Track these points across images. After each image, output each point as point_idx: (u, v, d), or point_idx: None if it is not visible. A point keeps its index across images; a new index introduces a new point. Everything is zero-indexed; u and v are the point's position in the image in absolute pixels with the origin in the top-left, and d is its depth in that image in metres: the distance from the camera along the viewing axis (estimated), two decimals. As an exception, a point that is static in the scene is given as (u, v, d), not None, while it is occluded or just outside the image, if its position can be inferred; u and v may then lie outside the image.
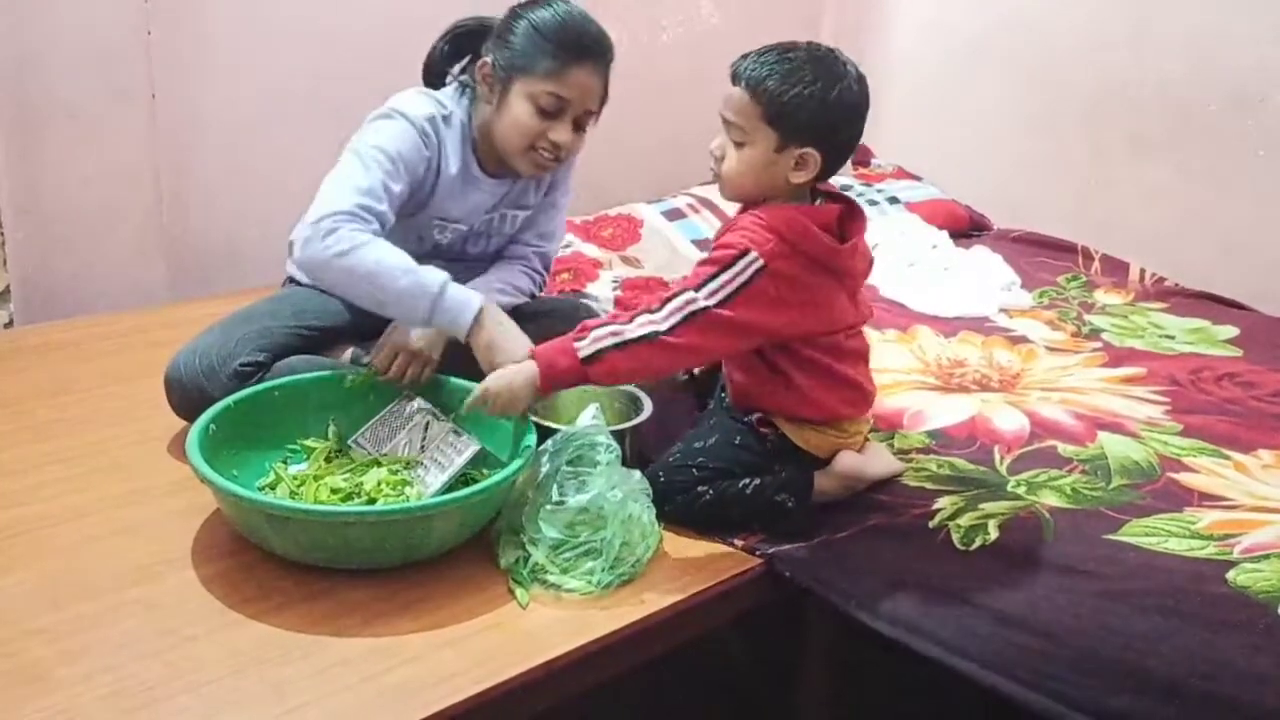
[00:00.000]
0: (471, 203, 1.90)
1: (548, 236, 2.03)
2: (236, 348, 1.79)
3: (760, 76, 1.56)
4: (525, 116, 1.77)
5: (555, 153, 1.80)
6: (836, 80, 1.55)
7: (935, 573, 1.57)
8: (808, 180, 1.60)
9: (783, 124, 1.55)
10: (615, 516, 1.53)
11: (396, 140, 1.76)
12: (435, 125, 1.81)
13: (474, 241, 1.96)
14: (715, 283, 1.55)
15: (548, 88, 1.75)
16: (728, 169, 1.62)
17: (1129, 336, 2.39)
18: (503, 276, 1.94)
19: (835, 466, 1.69)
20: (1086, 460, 1.83)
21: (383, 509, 1.48)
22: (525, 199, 1.97)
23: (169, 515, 1.62)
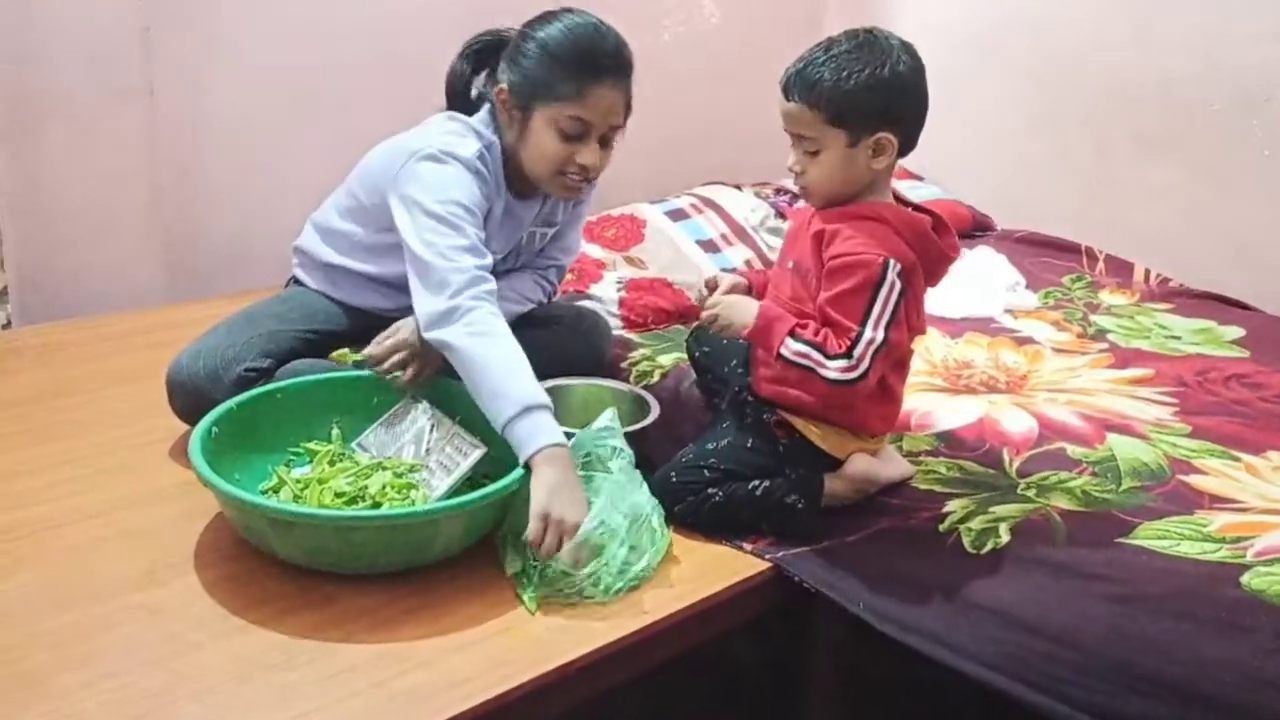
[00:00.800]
0: (509, 231, 1.87)
1: (569, 249, 2.03)
2: (241, 352, 1.77)
3: (810, 83, 1.55)
4: (550, 143, 1.73)
5: (584, 174, 1.76)
6: (885, 58, 1.54)
7: (946, 576, 1.56)
8: (891, 162, 1.59)
9: (847, 120, 1.55)
10: (625, 521, 1.51)
11: (464, 189, 1.69)
12: (485, 161, 1.77)
13: (502, 262, 1.92)
14: (877, 307, 1.54)
15: (569, 112, 1.71)
16: (811, 180, 1.61)
17: (1135, 337, 2.38)
18: (513, 285, 1.92)
19: (848, 470, 1.68)
20: (1096, 462, 1.81)
21: (388, 514, 1.46)
22: (554, 216, 1.95)
23: (172, 518, 1.61)
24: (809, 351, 1.54)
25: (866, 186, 1.61)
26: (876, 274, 1.53)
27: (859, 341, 1.53)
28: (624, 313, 2.22)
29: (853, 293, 1.54)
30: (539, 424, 1.49)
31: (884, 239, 1.56)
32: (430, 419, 1.68)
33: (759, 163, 3.24)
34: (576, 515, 1.45)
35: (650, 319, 2.24)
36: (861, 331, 1.53)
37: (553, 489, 1.45)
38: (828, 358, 1.53)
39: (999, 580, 1.54)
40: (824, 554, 1.61)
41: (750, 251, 2.55)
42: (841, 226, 1.58)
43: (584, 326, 2.02)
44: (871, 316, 1.53)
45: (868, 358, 1.53)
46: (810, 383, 1.56)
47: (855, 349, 1.53)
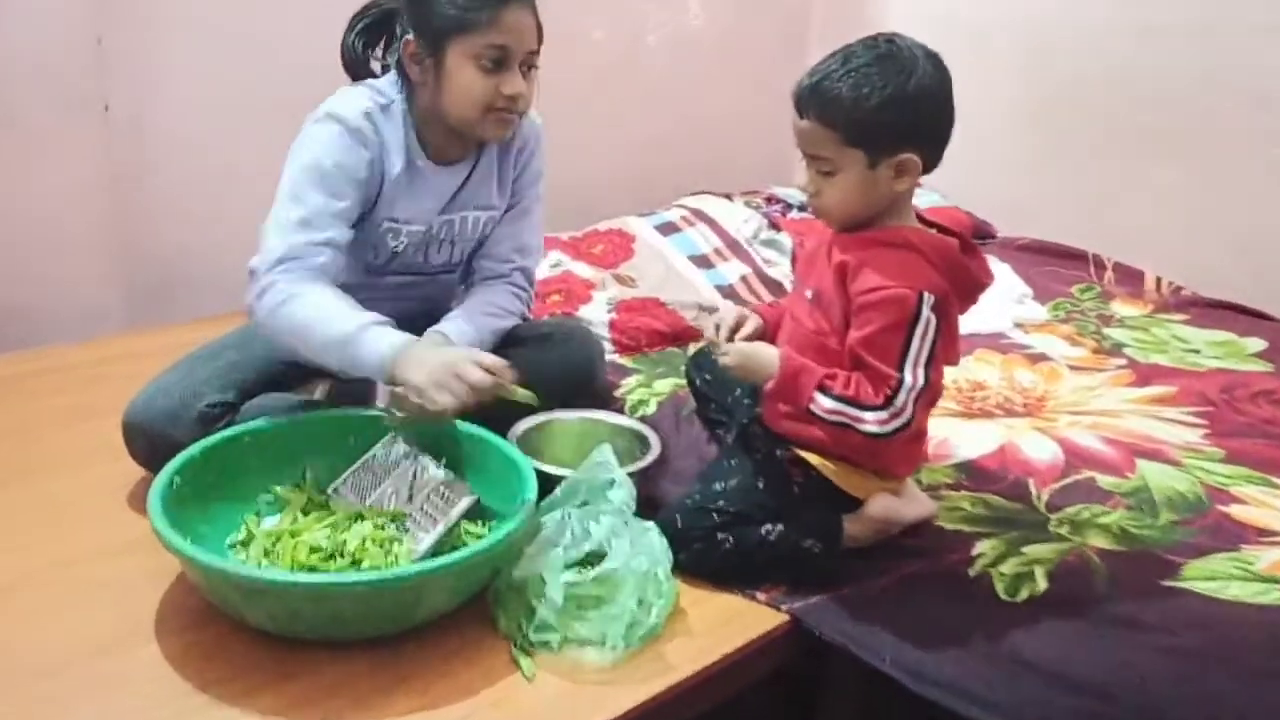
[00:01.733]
0: (422, 199, 1.72)
1: (526, 250, 1.86)
2: (201, 387, 1.63)
3: (825, 99, 1.41)
4: (472, 80, 1.62)
5: (514, 105, 1.64)
6: (908, 71, 1.40)
7: (979, 627, 1.43)
8: (914, 184, 1.46)
9: (866, 140, 1.41)
10: (632, 573, 1.38)
11: (331, 149, 1.61)
12: (373, 119, 1.65)
13: (436, 249, 1.79)
14: (914, 346, 1.41)
15: (486, 40, 1.60)
16: (827, 203, 1.48)
17: (1152, 351, 2.26)
18: (487, 299, 1.78)
19: (868, 511, 1.55)
20: (1129, 493, 1.70)
21: (369, 578, 1.32)
22: (485, 198, 1.79)
23: (131, 578, 1.46)
24: (843, 408, 1.42)
25: (887, 208, 1.48)
26: (911, 310, 1.40)
27: (899, 390, 1.40)
28: (615, 335, 2.08)
29: (887, 332, 1.41)
30: (371, 342, 1.50)
31: (915, 270, 1.43)
32: (413, 462, 1.54)
33: (747, 167, 3.13)
34: (462, 360, 1.47)
35: (643, 341, 2.11)
36: (901, 377, 1.40)
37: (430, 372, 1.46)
38: (864, 409, 1.41)
39: (1038, 631, 1.41)
40: (844, 603, 1.48)
41: (745, 266, 2.42)
42: (867, 257, 1.45)
43: (573, 343, 1.87)
44: (909, 358, 1.41)
45: (909, 407, 1.40)
46: (845, 437, 1.44)
47: (896, 398, 1.40)
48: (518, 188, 1.83)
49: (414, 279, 1.80)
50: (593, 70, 2.80)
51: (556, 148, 2.66)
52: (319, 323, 1.53)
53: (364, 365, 1.51)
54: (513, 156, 1.80)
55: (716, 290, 2.29)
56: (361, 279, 1.74)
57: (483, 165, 1.76)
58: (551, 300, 2.17)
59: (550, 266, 2.29)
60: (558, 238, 2.44)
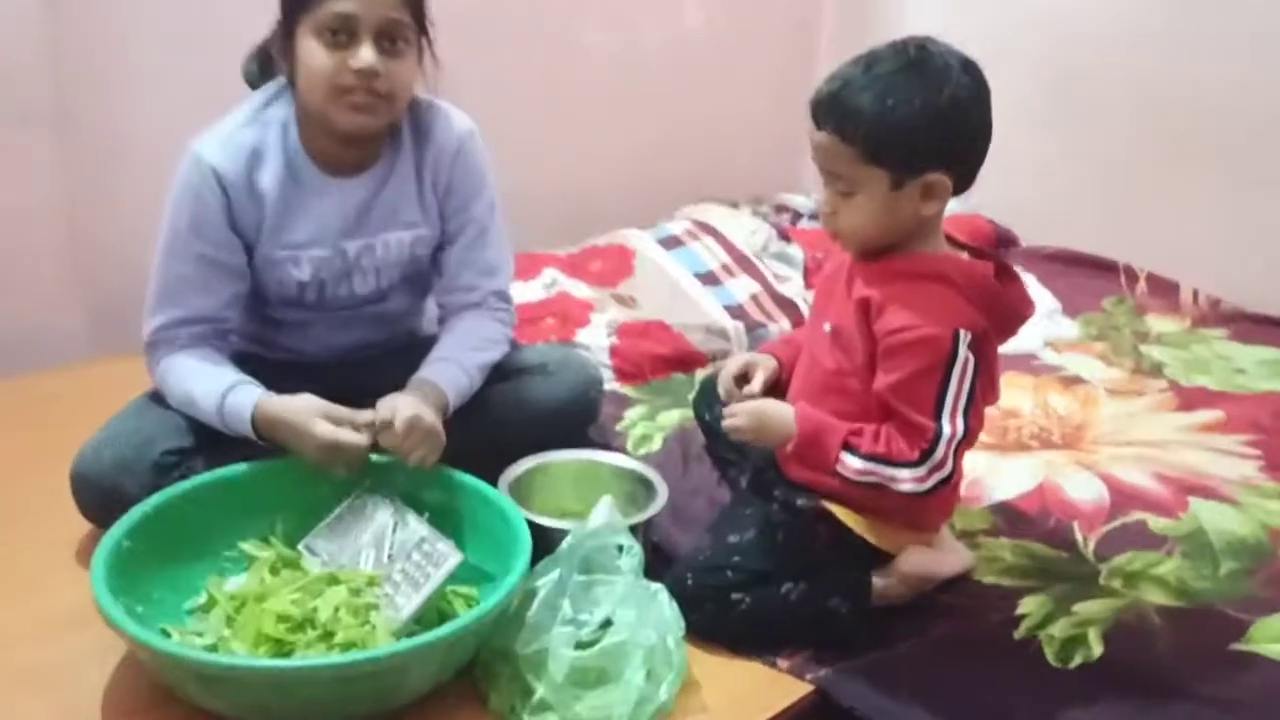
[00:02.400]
0: (317, 215, 1.52)
1: (493, 271, 1.63)
2: (155, 432, 1.48)
3: (845, 111, 1.26)
4: (318, 57, 1.41)
5: (367, 83, 1.41)
6: (940, 83, 1.25)
7: (1030, 699, 1.28)
8: (943, 207, 1.30)
9: (890, 159, 1.26)
10: (640, 646, 1.22)
11: (184, 203, 1.49)
12: (233, 144, 1.48)
13: (360, 278, 1.58)
14: (951, 392, 1.27)
15: (326, 9, 1.40)
16: (845, 225, 1.32)
17: (1195, 372, 2.11)
18: (470, 330, 1.59)
19: (901, 567, 1.39)
20: (1183, 538, 1.55)
21: (344, 661, 1.16)
22: (405, 214, 1.56)
23: (75, 656, 1.29)
24: (874, 468, 1.28)
25: (912, 232, 1.32)
26: (946, 352, 1.26)
27: (937, 442, 1.26)
28: (617, 362, 1.92)
29: (920, 377, 1.26)
30: (236, 404, 1.43)
31: (948, 305, 1.28)
32: (393, 516, 1.38)
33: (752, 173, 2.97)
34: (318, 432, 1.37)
35: (647, 368, 1.95)
36: (938, 428, 1.26)
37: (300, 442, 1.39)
38: (898, 466, 1.26)
39: (1097, 705, 1.26)
40: (876, 671, 1.32)
41: (755, 284, 2.25)
42: (894, 291, 1.29)
43: (569, 374, 1.67)
44: (946, 405, 1.26)
45: (949, 460, 1.26)
46: (879, 496, 1.28)
47: (934, 452, 1.26)
48: (455, 204, 1.59)
49: (350, 318, 1.62)
50: (589, 74, 2.64)
51: (550, 155, 2.52)
52: (192, 402, 1.47)
53: (241, 432, 1.44)
54: (429, 166, 1.57)
55: (725, 311, 2.13)
56: (293, 315, 1.60)
57: (396, 177, 1.55)
58: (546, 324, 2.00)
59: (544, 286, 2.13)
60: (553, 254, 2.28)
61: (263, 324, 1.63)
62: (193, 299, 1.50)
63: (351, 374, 1.63)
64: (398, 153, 1.55)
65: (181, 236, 1.49)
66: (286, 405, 1.41)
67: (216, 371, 1.48)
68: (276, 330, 1.64)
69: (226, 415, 1.43)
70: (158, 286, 1.52)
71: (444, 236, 1.62)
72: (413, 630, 1.28)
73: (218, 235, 1.49)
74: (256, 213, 1.50)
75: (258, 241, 1.52)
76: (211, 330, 1.52)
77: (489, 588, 1.34)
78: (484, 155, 1.61)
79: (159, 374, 1.51)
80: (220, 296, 1.52)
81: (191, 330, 1.51)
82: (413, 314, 1.71)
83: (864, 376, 1.34)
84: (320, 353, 1.64)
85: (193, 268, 1.50)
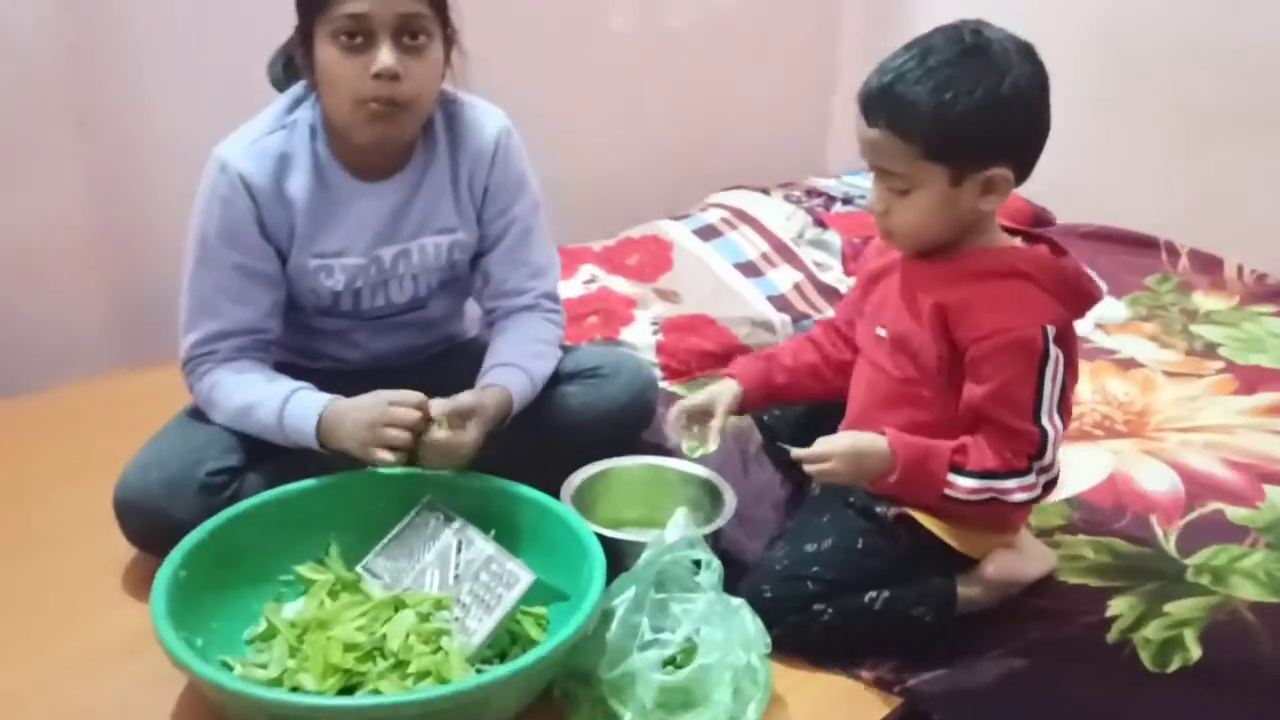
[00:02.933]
0: (350, 222, 1.46)
1: (542, 272, 1.58)
2: (201, 453, 1.41)
3: (902, 105, 1.19)
4: (336, 64, 1.34)
5: (389, 88, 1.33)
6: (1001, 71, 1.18)
7: (1131, 707, 1.23)
8: (1003, 202, 1.24)
9: (950, 155, 1.19)
10: (728, 668, 1.17)
11: (212, 211, 1.43)
12: (260, 149, 1.42)
13: (397, 286, 1.52)
14: (1047, 391, 1.22)
15: (339, 11, 1.32)
16: (899, 225, 1.26)
17: (1250, 351, 2.06)
18: (528, 334, 1.54)
19: (985, 572, 1.34)
20: (1265, 529, 1.51)
21: (427, 696, 1.10)
22: (441, 219, 1.50)
23: (133, 686, 1.24)
24: (987, 485, 1.23)
25: (970, 231, 1.27)
26: (1039, 352, 1.21)
27: (1045, 446, 1.21)
28: (664, 360, 1.86)
29: (1017, 382, 1.22)
30: (295, 421, 1.38)
31: (1032, 302, 1.23)
32: (457, 535, 1.33)
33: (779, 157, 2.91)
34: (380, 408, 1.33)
35: (694, 365, 1.89)
36: (1044, 433, 1.21)
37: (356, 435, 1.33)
38: (1008, 478, 1.22)
39: (1203, 711, 1.21)
40: (965, 680, 1.27)
41: (797, 273, 2.19)
42: (971, 294, 1.24)
43: (624, 377, 1.61)
44: (1044, 406, 1.22)
45: (1055, 460, 1.22)
46: (990, 510, 1.25)
47: (1042, 456, 1.21)
48: (496, 207, 1.53)
49: (385, 329, 1.56)
50: (613, 59, 2.57)
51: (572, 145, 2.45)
52: (246, 413, 1.42)
53: (302, 441, 1.38)
54: (466, 167, 1.50)
55: (769, 302, 2.07)
56: (332, 323, 1.54)
57: (431, 181, 1.49)
58: (589, 323, 1.94)
59: (583, 283, 2.07)
60: (588, 248, 2.22)
61: (301, 332, 1.57)
62: (231, 310, 1.45)
63: (396, 381, 1.57)
64: (432, 155, 1.49)
65: (212, 246, 1.43)
66: (355, 400, 1.37)
67: (273, 379, 1.43)
68: (315, 339, 1.58)
69: (288, 419, 1.38)
70: (192, 301, 1.46)
71: (486, 241, 1.55)
72: (484, 655, 1.23)
73: (250, 243, 1.43)
74: (287, 220, 1.44)
75: (290, 250, 1.46)
76: (252, 342, 1.46)
77: (558, 607, 1.29)
78: (522, 153, 1.55)
79: (204, 390, 1.45)
80: (260, 306, 1.46)
81: (233, 343, 1.45)
82: (454, 318, 1.66)
83: (936, 384, 1.29)
84: (363, 359, 1.59)
85: (228, 278, 1.44)
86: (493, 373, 1.45)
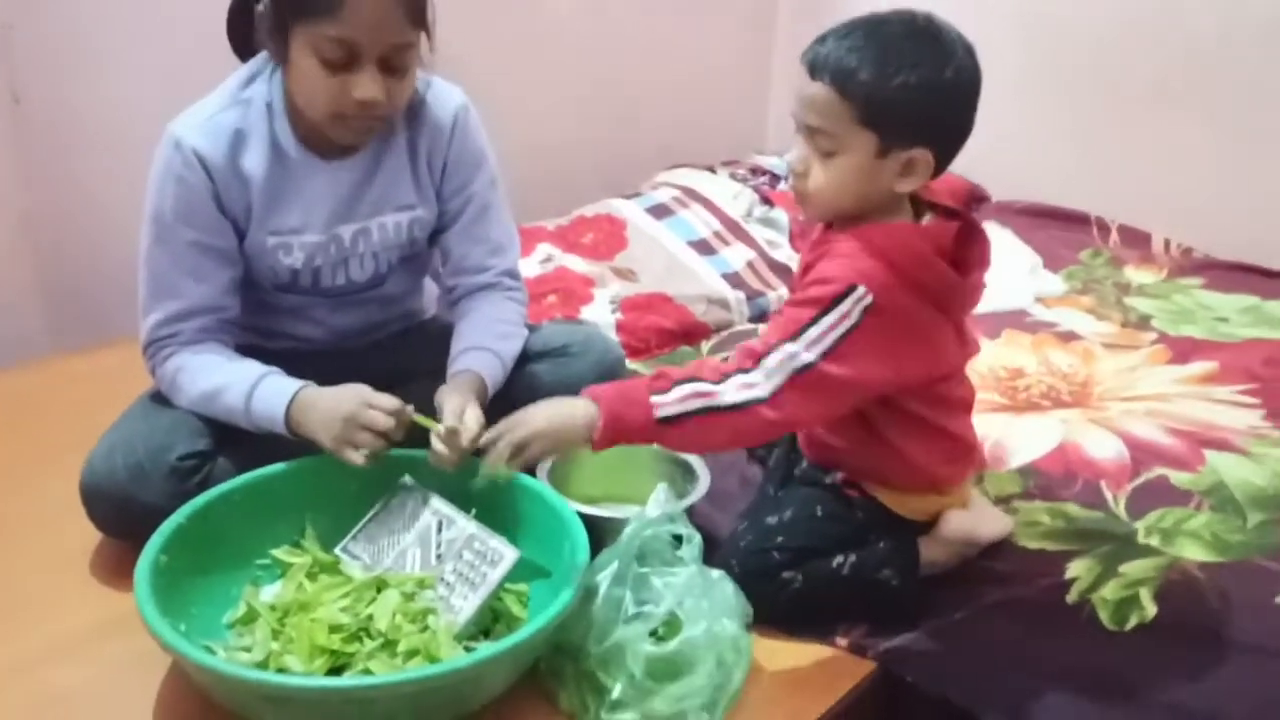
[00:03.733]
0: (309, 198, 1.45)
1: (501, 248, 1.58)
2: (168, 437, 1.40)
3: (849, 67, 1.20)
4: (314, 77, 1.32)
5: (370, 112, 1.35)
6: (945, 58, 1.21)
7: (1092, 663, 1.28)
8: (917, 186, 1.26)
9: (884, 124, 1.21)
10: (716, 639, 1.20)
11: (166, 189, 1.40)
12: (214, 125, 1.40)
13: (357, 264, 1.51)
14: (816, 328, 1.21)
15: (327, 32, 1.29)
16: (816, 186, 1.26)
17: (1181, 322, 2.14)
18: (492, 316, 1.54)
19: (943, 531, 1.39)
20: (1207, 491, 1.57)
21: (424, 674, 1.10)
22: (400, 196, 1.50)
23: (112, 672, 1.23)
24: (691, 390, 1.21)
25: (878, 208, 1.28)
26: (832, 295, 1.21)
27: (772, 352, 1.21)
28: (624, 338, 1.87)
29: (792, 310, 1.24)
30: (263, 405, 1.36)
31: (858, 262, 1.23)
32: (436, 514, 1.33)
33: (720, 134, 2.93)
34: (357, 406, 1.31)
35: (654, 343, 1.91)
36: (779, 343, 1.21)
37: (329, 429, 1.31)
38: (718, 382, 1.21)
39: (1161, 666, 1.27)
40: (935, 641, 1.32)
41: (750, 250, 2.22)
42: (823, 255, 1.27)
43: (594, 354, 1.62)
44: (806, 335, 1.21)
45: (780, 375, 1.20)
46: (712, 427, 1.21)
47: (764, 361, 1.21)
48: (455, 183, 1.53)
49: (341, 307, 1.55)
50: (551, 37, 2.56)
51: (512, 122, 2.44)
52: (212, 397, 1.40)
53: (270, 427, 1.37)
54: (424, 144, 1.50)
55: (724, 279, 2.10)
56: (290, 300, 1.53)
57: (390, 158, 1.48)
58: (548, 302, 1.95)
59: (540, 262, 2.08)
60: (543, 227, 2.23)
61: (259, 311, 1.54)
62: (191, 289, 1.42)
63: (356, 361, 1.57)
64: (390, 133, 1.48)
65: (169, 224, 1.41)
66: (329, 391, 1.35)
67: (240, 363, 1.41)
68: (274, 317, 1.56)
69: (255, 403, 1.37)
70: (149, 281, 1.44)
71: (445, 217, 1.55)
72: (470, 632, 1.24)
73: (207, 219, 1.41)
74: (243, 197, 1.42)
75: (247, 227, 1.44)
76: (215, 322, 1.44)
77: (539, 584, 1.31)
78: (480, 129, 1.55)
79: (168, 374, 1.43)
80: (217, 283, 1.44)
81: (194, 324, 1.43)
82: (412, 295, 1.65)
83: None
84: (321, 337, 1.58)
85: (185, 255, 1.41)
86: (463, 358, 1.45)
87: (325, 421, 1.32)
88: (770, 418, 1.20)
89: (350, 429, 1.30)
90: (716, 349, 1.95)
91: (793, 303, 1.26)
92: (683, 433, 1.22)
